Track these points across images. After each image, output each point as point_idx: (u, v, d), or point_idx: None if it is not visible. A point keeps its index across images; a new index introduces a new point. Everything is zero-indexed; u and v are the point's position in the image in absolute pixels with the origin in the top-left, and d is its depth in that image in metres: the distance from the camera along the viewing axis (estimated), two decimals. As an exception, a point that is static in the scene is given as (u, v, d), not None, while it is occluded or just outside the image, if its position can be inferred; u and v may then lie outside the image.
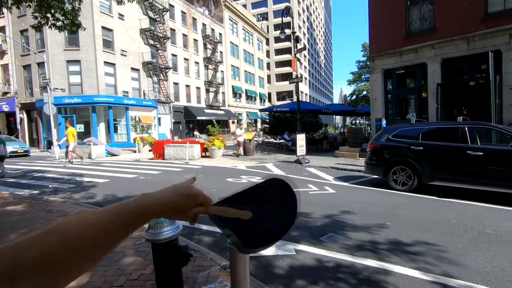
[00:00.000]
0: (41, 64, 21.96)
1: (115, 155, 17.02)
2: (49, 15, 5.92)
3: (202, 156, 14.71)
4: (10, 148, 17.63)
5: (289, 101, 46.17)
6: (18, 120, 24.80)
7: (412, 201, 5.76)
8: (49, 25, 6.10)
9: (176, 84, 31.57)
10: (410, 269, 3.04)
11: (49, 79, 18.41)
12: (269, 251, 3.52)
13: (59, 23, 6.13)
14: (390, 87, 13.65)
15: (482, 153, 5.73)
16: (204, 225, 4.51)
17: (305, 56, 68.59)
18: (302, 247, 3.64)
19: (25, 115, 24.87)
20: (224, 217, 0.66)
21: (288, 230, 0.74)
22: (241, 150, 14.89)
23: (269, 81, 60.81)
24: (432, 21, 11.81)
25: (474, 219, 4.58)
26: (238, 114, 42.94)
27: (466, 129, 6.06)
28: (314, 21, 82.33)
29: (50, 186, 8.02)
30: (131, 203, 0.54)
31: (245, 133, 17.60)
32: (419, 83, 12.71)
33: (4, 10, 6.30)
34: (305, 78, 68.26)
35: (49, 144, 21.21)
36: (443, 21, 11.39)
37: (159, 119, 28.64)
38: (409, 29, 12.52)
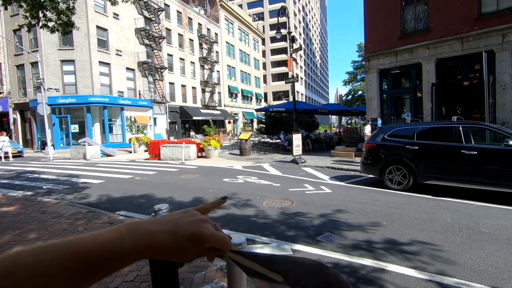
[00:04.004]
0: (34, 64, 21.71)
1: (110, 155, 16.89)
2: (40, 15, 5.82)
3: (198, 156, 14.66)
4: (3, 148, 17.42)
5: (285, 101, 46.21)
6: (11, 121, 24.49)
7: (408, 200, 5.80)
8: (40, 25, 5.99)
9: (171, 84, 31.42)
10: (406, 267, 3.05)
11: (43, 79, 18.22)
12: (265, 251, 3.52)
13: (51, 24, 6.02)
14: (386, 87, 13.73)
15: (476, 152, 5.78)
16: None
17: (301, 56, 68.70)
18: (298, 247, 3.64)
19: (18, 116, 24.56)
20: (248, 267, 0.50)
21: None
22: None
23: (265, 81, 60.78)
24: (427, 21, 11.90)
25: (468, 217, 4.62)
26: (234, 114, 42.88)
27: (461, 128, 6.11)
28: (309, 21, 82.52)
29: (44, 187, 7.93)
30: (111, 242, 0.38)
31: (242, 133, 17.58)
32: (414, 83, 12.80)
33: None
34: (301, 78, 68.37)
35: (43, 145, 20.99)
36: (438, 21, 11.49)
37: (154, 119, 28.49)
38: (404, 29, 12.60)
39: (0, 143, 15.99)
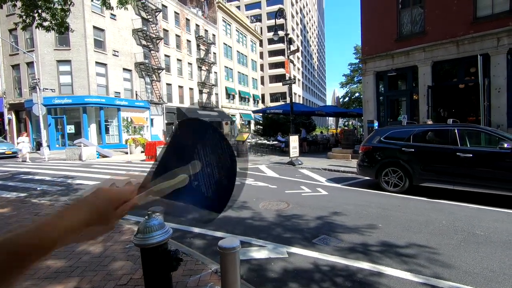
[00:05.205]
0: (30, 64, 21.54)
1: (106, 156, 16.78)
2: (35, 14, 5.78)
3: (195, 158, 14.60)
4: (-3, 149, 17.28)
5: (283, 103, 46.28)
6: (6, 121, 24.27)
7: (404, 203, 5.81)
8: (35, 25, 5.96)
9: (169, 85, 31.34)
10: (402, 271, 3.05)
11: (38, 79, 18.07)
12: (261, 254, 3.50)
13: (46, 23, 5.99)
14: (382, 89, 13.79)
15: (471, 155, 5.80)
16: (196, 228, 4.47)
17: (298, 58, 68.91)
18: (294, 249, 3.62)
19: (13, 116, 24.35)
20: (162, 198, 0.58)
21: (235, 170, 0.61)
22: None
23: (262, 83, 60.85)
24: (423, 25, 11.99)
25: (464, 220, 4.63)
26: (232, 115, 42.84)
27: (456, 131, 6.14)
28: (307, 23, 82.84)
29: (38, 188, 7.84)
30: (28, 235, 0.44)
31: (239, 135, 17.56)
32: (410, 86, 12.88)
33: None
34: (298, 80, 68.57)
35: (38, 146, 20.80)
36: (434, 25, 11.58)
37: (151, 120, 28.37)
38: (401, 32, 12.68)
39: (20, 144, 15.63)
